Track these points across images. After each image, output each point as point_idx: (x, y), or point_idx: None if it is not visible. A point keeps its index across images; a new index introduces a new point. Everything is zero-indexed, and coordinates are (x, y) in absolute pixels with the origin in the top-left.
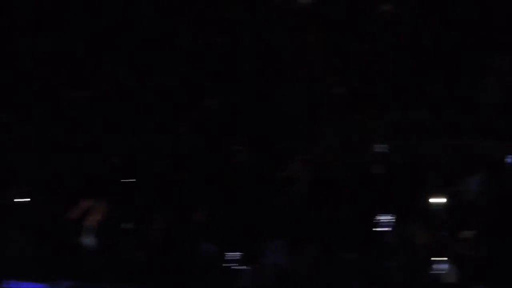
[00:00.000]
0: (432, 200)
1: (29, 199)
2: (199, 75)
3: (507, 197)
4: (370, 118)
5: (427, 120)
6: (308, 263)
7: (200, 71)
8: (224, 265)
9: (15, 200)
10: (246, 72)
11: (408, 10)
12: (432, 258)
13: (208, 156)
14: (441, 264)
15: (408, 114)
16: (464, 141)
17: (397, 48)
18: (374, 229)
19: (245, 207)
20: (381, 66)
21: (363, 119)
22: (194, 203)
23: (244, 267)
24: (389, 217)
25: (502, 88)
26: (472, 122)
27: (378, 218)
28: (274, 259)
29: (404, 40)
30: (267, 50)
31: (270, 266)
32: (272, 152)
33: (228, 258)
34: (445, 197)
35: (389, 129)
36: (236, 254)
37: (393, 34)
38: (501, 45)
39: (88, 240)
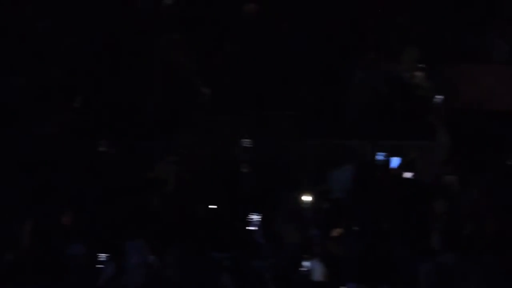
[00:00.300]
0: (301, 198)
1: None
2: (65, 76)
3: (376, 194)
4: (237, 117)
5: (295, 120)
6: (175, 262)
7: (65, 72)
8: (92, 265)
9: None
10: (112, 73)
11: (274, 12)
12: (302, 257)
13: (74, 157)
14: (310, 262)
15: (276, 114)
16: (333, 140)
17: (264, 49)
18: (243, 228)
19: (112, 207)
20: (248, 66)
21: (231, 119)
22: (62, 204)
23: (111, 267)
24: (258, 216)
25: (367, 89)
26: (340, 121)
27: (247, 217)
28: (140, 258)
29: (271, 41)
30: (133, 50)
31: (136, 266)
32: (140, 153)
33: (97, 259)
34: (315, 196)
35: (257, 129)
36: (104, 255)
37: (260, 35)
38: (365, 47)
39: None
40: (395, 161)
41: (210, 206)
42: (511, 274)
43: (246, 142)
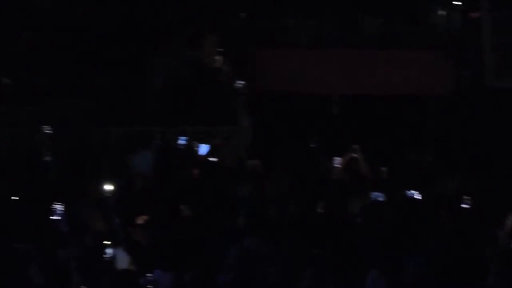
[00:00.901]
0: (105, 186)
1: None
2: None
3: (178, 180)
4: (38, 107)
5: (96, 108)
6: None
7: None
8: None
9: None
10: None
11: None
12: (106, 245)
13: None
14: (114, 251)
15: (77, 102)
16: (135, 127)
17: (62, 37)
18: (47, 217)
19: None
20: (47, 55)
21: (32, 108)
22: None
23: None
24: (62, 205)
25: (168, 75)
26: (141, 108)
27: (51, 206)
28: None
29: (66, 28)
30: None
31: None
32: None
33: None
34: (118, 183)
35: (58, 118)
36: None
37: (57, 23)
38: (165, 32)
39: None
40: (203, 148)
41: (13, 197)
42: (312, 258)
43: (48, 130)
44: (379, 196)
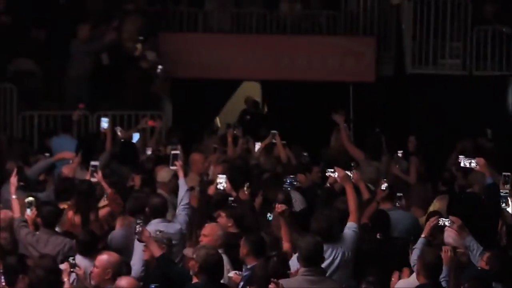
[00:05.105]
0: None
1: None
2: None
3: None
4: None
5: (15, 92)
6: None
7: None
8: None
9: None
10: None
11: None
12: None
13: None
14: None
15: None
16: (57, 111)
17: None
18: None
19: None
20: None
21: None
22: None
23: None
24: None
25: (89, 59)
26: (61, 92)
27: None
28: None
29: None
30: None
31: None
32: None
33: None
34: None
35: None
36: None
37: None
38: (86, 17)
39: None
40: (135, 136)
41: None
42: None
43: None
44: (293, 180)
